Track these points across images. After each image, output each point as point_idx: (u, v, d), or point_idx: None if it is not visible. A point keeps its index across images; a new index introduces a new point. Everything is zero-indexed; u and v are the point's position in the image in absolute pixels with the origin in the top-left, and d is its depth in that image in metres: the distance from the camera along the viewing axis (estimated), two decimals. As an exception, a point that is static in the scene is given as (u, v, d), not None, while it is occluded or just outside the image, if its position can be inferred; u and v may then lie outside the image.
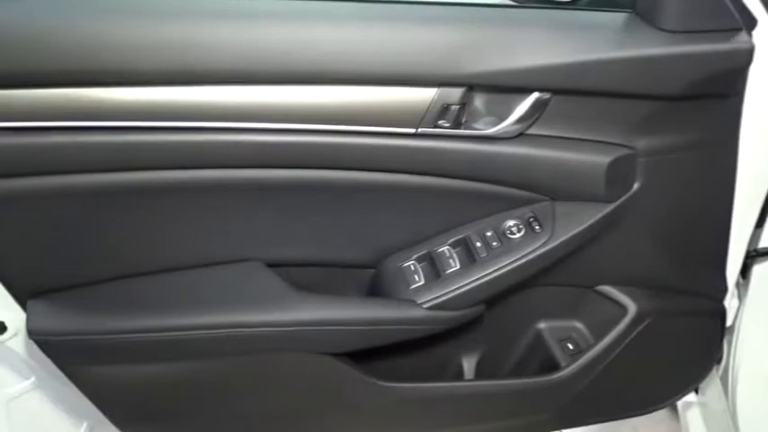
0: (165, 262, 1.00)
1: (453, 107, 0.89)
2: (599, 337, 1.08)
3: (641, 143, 0.93)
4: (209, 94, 0.85)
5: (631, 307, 1.06)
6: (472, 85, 0.87)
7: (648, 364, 1.13)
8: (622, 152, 0.93)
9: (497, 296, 1.01)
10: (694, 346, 1.15)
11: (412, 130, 0.90)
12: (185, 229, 0.98)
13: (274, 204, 0.97)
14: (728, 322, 1.14)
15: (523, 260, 0.98)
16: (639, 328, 1.06)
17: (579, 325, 1.12)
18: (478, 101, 0.90)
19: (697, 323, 1.13)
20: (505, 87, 0.87)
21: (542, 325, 1.13)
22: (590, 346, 1.09)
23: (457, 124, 0.90)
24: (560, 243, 0.97)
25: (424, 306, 0.98)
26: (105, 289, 0.98)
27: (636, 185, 0.95)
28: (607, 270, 1.05)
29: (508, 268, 0.98)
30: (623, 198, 0.96)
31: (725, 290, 1.08)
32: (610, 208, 0.96)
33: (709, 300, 1.11)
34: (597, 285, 1.07)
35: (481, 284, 0.98)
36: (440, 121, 0.90)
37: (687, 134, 0.93)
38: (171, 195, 0.94)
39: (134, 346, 0.97)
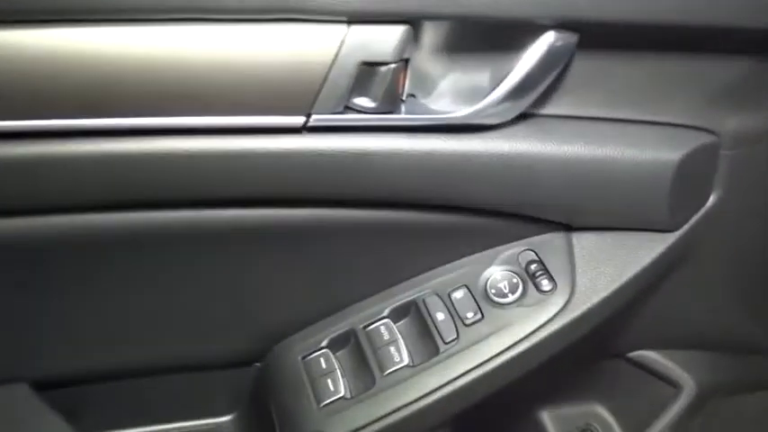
0: None
1: (382, 69, 0.45)
2: (635, 430, 0.76)
3: (729, 124, 0.57)
4: None
5: (688, 383, 0.74)
6: (419, 18, 0.45)
7: None
8: (701, 141, 0.56)
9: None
10: None
11: (298, 121, 0.46)
12: None
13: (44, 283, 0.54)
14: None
15: (522, 347, 0.57)
16: (700, 414, 0.74)
17: (602, 411, 0.78)
18: (433, 53, 0.48)
19: None
20: (488, 21, 0.46)
21: (544, 412, 0.78)
22: (621, 447, 0.75)
23: (389, 102, 0.47)
24: (587, 311, 0.57)
25: (347, 444, 0.57)
26: None
27: (713, 197, 0.59)
28: (652, 329, 0.70)
29: (496, 364, 0.57)
30: (693, 221, 0.59)
31: None
32: (672, 241, 0.59)
33: None
34: (633, 351, 0.73)
35: (446, 396, 0.57)
36: (355, 100, 0.46)
37: None
38: None
39: None
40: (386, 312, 0.61)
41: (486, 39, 0.48)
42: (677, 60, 0.53)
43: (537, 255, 0.60)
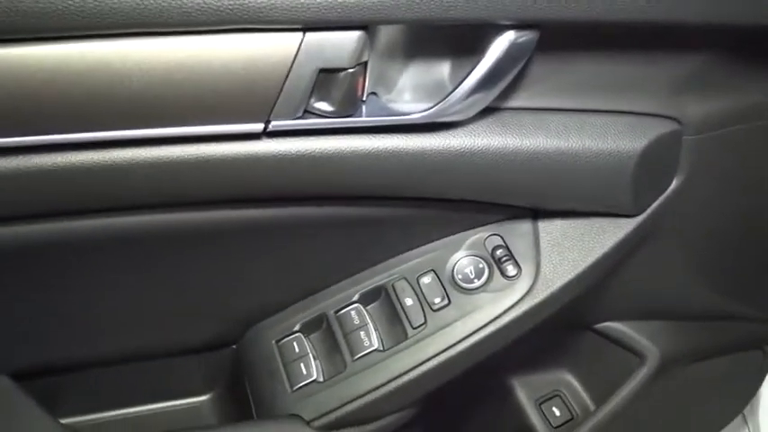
0: None
1: (340, 75, 0.44)
2: (601, 396, 0.76)
3: (691, 111, 0.56)
4: None
5: (651, 352, 0.73)
6: (374, 24, 0.44)
7: (673, 427, 0.79)
8: (664, 129, 0.55)
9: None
10: (737, 385, 0.82)
11: (257, 127, 0.45)
12: None
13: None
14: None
15: (488, 331, 0.58)
16: (663, 380, 0.74)
17: (570, 378, 0.78)
18: (392, 52, 0.47)
19: (744, 356, 0.80)
20: (444, 23, 0.44)
21: (514, 380, 0.78)
22: (587, 413, 0.76)
23: (349, 106, 0.46)
24: (550, 296, 0.58)
25: (315, 425, 0.57)
26: None
27: (675, 181, 0.59)
28: (617, 302, 0.71)
29: (463, 347, 0.58)
30: (656, 204, 0.59)
31: None
32: (635, 224, 0.59)
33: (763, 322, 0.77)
34: (600, 323, 0.73)
35: (415, 379, 0.58)
36: (314, 104, 0.45)
37: (747, 95, 0.58)
38: None
39: None
40: (356, 297, 0.61)
41: (445, 37, 0.46)
42: (639, 51, 0.52)
43: (503, 240, 0.60)
